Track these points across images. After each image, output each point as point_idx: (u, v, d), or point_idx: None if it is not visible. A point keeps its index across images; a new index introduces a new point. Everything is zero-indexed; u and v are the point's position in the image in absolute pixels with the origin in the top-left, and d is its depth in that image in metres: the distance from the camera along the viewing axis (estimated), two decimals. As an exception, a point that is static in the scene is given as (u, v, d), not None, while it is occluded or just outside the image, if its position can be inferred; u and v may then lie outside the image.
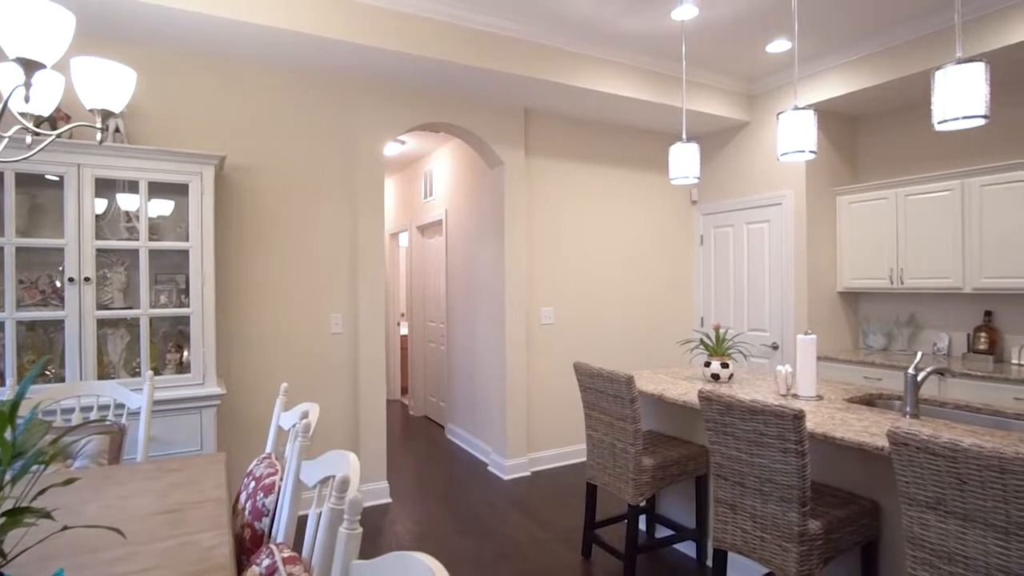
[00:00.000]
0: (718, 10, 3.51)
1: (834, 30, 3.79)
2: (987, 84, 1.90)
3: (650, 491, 2.71)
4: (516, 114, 4.38)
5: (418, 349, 6.40)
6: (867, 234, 4.39)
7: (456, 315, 5.33)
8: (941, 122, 1.97)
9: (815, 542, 1.98)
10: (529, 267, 4.49)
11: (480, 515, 3.65)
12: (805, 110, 2.45)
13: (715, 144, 5.19)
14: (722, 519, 2.24)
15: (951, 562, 1.56)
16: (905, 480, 1.64)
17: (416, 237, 6.38)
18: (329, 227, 3.72)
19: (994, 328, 3.92)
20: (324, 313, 3.70)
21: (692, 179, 3.02)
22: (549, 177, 4.60)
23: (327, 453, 1.46)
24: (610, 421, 2.79)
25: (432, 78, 3.79)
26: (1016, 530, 1.42)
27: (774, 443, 1.99)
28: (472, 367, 5.00)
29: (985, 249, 3.74)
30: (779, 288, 4.64)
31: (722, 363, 3.07)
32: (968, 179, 3.81)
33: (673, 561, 3.06)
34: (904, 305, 4.48)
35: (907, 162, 4.49)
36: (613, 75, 4.11)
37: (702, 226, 5.34)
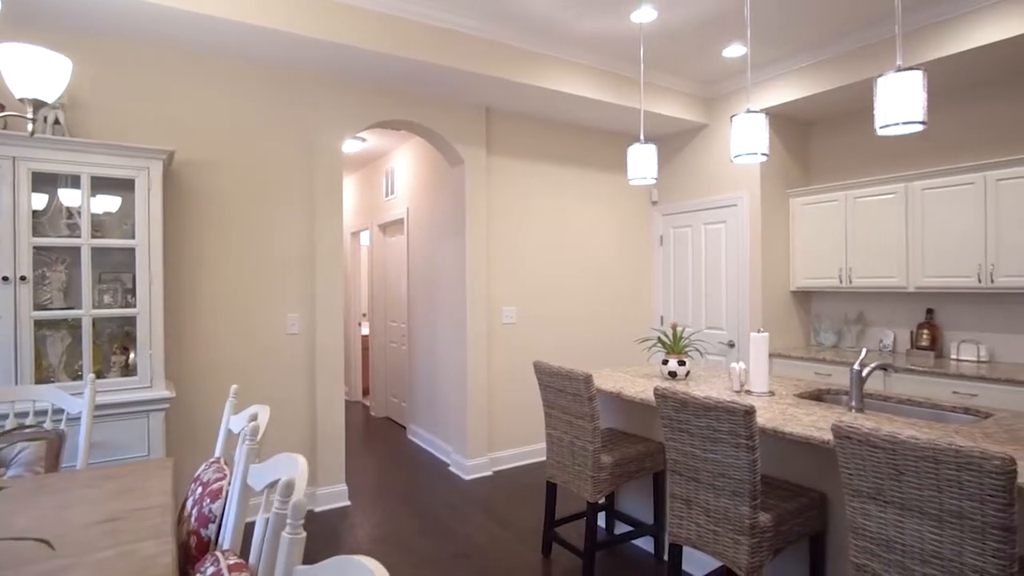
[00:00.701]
0: (676, 14, 3.57)
1: (786, 38, 3.90)
2: (924, 92, 1.99)
3: (609, 488, 2.73)
4: (477, 113, 4.37)
5: (379, 349, 6.32)
6: (818, 235, 4.53)
7: (418, 315, 5.29)
8: (883, 127, 2.05)
9: (765, 534, 2.03)
10: (490, 266, 4.48)
11: (440, 516, 3.62)
12: (757, 113, 2.51)
13: (674, 146, 5.28)
14: (677, 514, 2.28)
15: (890, 549, 1.62)
16: (848, 472, 1.70)
17: (378, 236, 6.30)
18: (285, 225, 3.64)
19: (935, 325, 4.10)
20: (280, 313, 3.61)
21: (650, 180, 3.06)
22: (511, 176, 4.61)
23: (275, 456, 1.43)
24: (569, 419, 2.81)
25: (393, 75, 3.74)
26: (948, 518, 1.48)
27: (726, 438, 2.03)
28: (433, 367, 4.97)
29: (926, 250, 3.90)
30: (735, 287, 4.75)
31: (679, 361, 3.12)
32: (911, 183, 3.98)
33: (632, 556, 3.10)
34: (853, 304, 4.64)
35: (856, 166, 4.65)
36: (573, 76, 4.14)
37: (662, 226, 5.42)
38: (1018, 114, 3.79)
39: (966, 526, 1.45)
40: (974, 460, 1.41)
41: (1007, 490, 1.37)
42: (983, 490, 1.41)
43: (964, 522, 1.45)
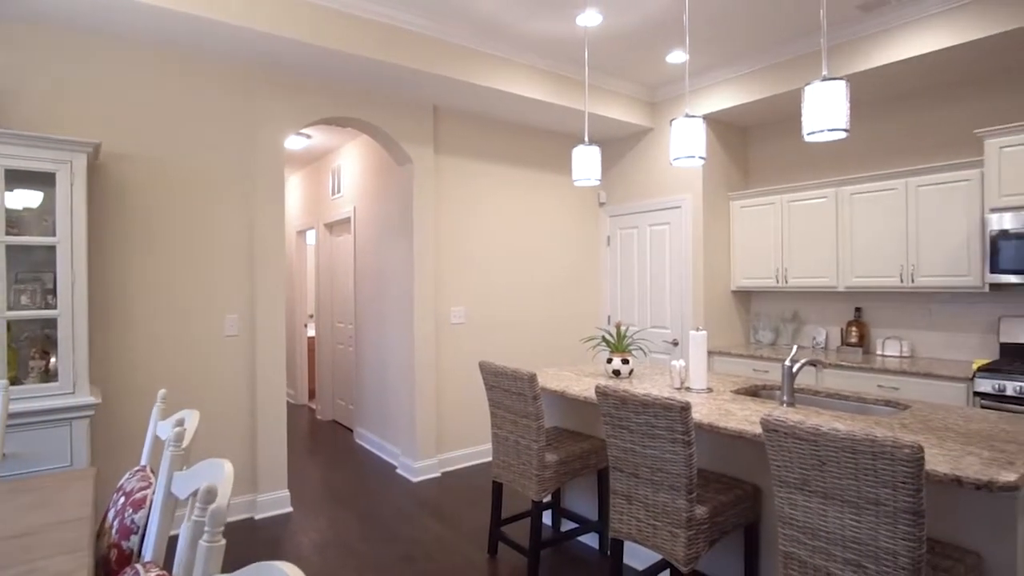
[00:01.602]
0: (621, 19, 3.64)
1: (726, 46, 4.04)
2: (847, 101, 2.09)
3: (553, 486, 2.76)
4: (425, 111, 4.33)
5: (326, 351, 6.18)
6: (757, 237, 4.71)
7: (365, 315, 5.20)
8: (810, 133, 2.15)
9: (702, 526, 2.09)
10: (439, 266, 4.45)
11: (386, 519, 3.57)
12: (695, 118, 2.58)
13: (621, 148, 5.38)
14: (618, 509, 2.32)
15: (815, 537, 1.69)
16: (776, 463, 1.77)
17: (324, 235, 6.15)
18: (224, 222, 3.51)
19: (863, 323, 4.32)
20: (217, 314, 3.48)
21: (594, 181, 3.11)
22: (459, 176, 4.59)
23: (201, 462, 1.37)
24: (514, 419, 2.82)
25: (339, 71, 3.67)
26: (866, 504, 1.56)
27: (664, 434, 2.08)
28: (381, 368, 4.89)
29: (855, 252, 4.11)
30: (679, 287, 4.88)
31: (623, 359, 3.18)
32: (841, 188, 4.18)
33: (577, 553, 3.14)
34: (789, 303, 4.84)
35: (792, 170, 4.86)
36: (521, 76, 4.16)
37: (609, 227, 5.52)
38: (936, 124, 4.05)
39: (881, 512, 1.53)
40: (887, 449, 1.49)
41: (916, 476, 1.46)
42: (896, 477, 1.49)
43: (879, 508, 1.53)
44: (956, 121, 3.96)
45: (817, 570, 1.69)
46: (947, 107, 4.00)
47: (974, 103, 3.88)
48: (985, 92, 3.83)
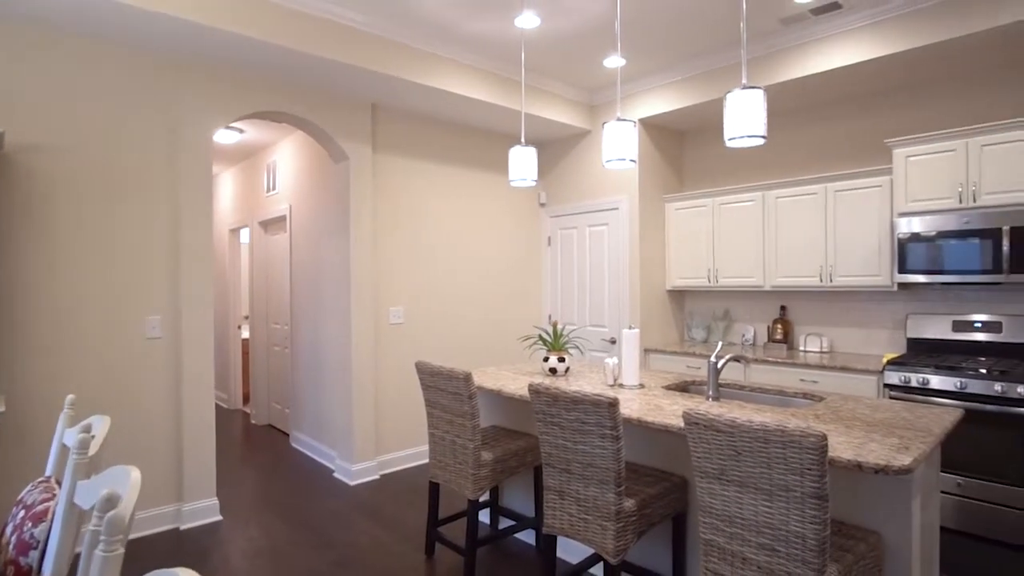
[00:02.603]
0: (558, 22, 3.69)
1: (660, 53, 4.16)
2: (765, 109, 2.20)
3: (489, 484, 2.77)
4: (363, 108, 4.26)
5: (261, 353, 5.97)
6: (690, 238, 4.88)
7: (301, 316, 5.06)
8: (731, 139, 2.24)
9: (630, 518, 2.15)
10: (377, 265, 4.38)
11: (321, 524, 3.49)
12: (627, 121, 2.65)
13: (561, 149, 5.46)
14: (551, 505, 2.35)
15: (732, 524, 1.77)
16: (698, 455, 1.84)
17: (258, 233, 5.95)
18: (145, 218, 3.34)
19: (787, 320, 4.55)
20: (138, 316, 3.30)
21: (530, 182, 3.14)
22: (398, 174, 4.54)
23: (107, 470, 1.30)
24: (450, 418, 2.81)
25: (271, 64, 3.55)
26: (777, 491, 1.65)
27: (593, 430, 2.12)
28: (318, 370, 4.77)
29: (780, 253, 4.32)
30: (616, 286, 4.99)
31: (559, 357, 3.23)
32: (767, 192, 4.39)
33: (514, 550, 3.16)
34: (720, 302, 5.04)
35: (723, 174, 5.06)
36: (461, 76, 4.15)
37: (550, 227, 5.59)
38: (852, 133, 4.31)
39: (791, 497, 1.62)
40: (795, 439, 1.58)
41: (821, 463, 1.55)
42: (803, 464, 1.58)
43: (789, 494, 1.62)
44: (869, 131, 4.23)
45: (734, 555, 1.77)
46: (862, 117, 4.26)
47: (885, 114, 4.15)
48: (894, 104, 4.11)
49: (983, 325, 3.64)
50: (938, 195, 3.55)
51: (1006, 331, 3.55)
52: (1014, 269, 3.25)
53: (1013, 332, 3.53)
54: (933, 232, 3.53)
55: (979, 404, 3.20)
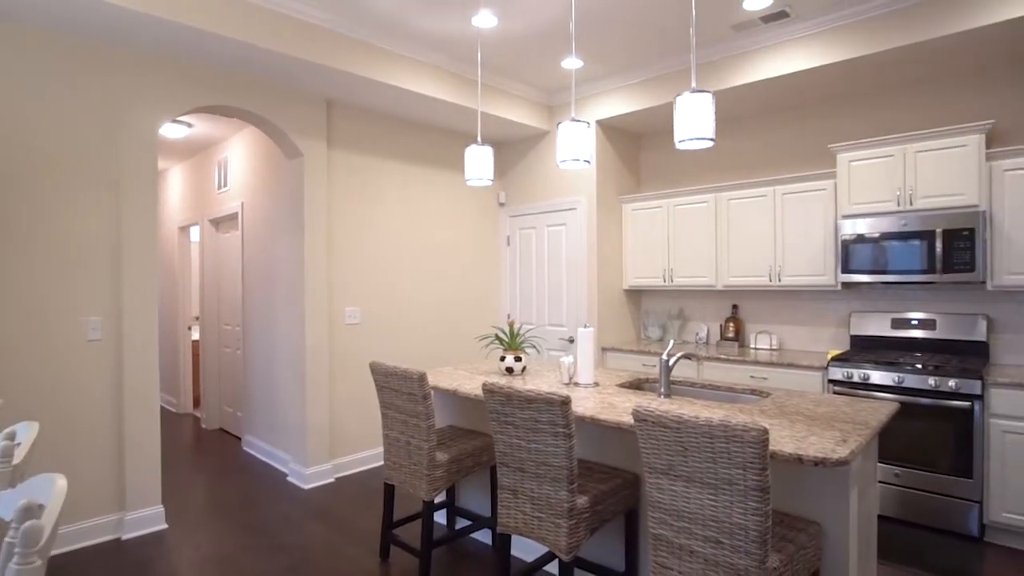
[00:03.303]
0: (515, 22, 3.70)
1: (616, 56, 4.22)
2: (713, 112, 2.25)
3: (444, 485, 2.75)
4: (318, 104, 4.17)
5: (212, 355, 5.79)
6: (646, 238, 4.96)
7: (254, 316, 4.92)
8: (680, 141, 2.29)
9: (582, 515, 2.17)
10: (332, 264, 4.30)
11: (274, 529, 3.40)
12: (581, 122, 2.68)
13: (521, 149, 5.48)
14: (505, 504, 2.35)
15: (679, 518, 1.81)
16: (646, 451, 1.87)
17: (209, 231, 5.76)
18: (85, 215, 3.19)
19: (739, 319, 4.68)
20: (77, 317, 3.15)
21: (486, 181, 3.14)
22: (355, 172, 4.46)
23: (31, 479, 1.24)
24: (405, 419, 2.78)
25: (221, 57, 3.45)
26: (723, 485, 1.69)
27: (546, 428, 2.14)
28: (271, 372, 4.66)
29: (731, 253, 4.44)
30: (574, 286, 5.04)
31: (516, 357, 3.24)
32: (719, 194, 4.50)
33: (471, 550, 3.15)
34: (675, 301, 5.15)
35: (678, 176, 5.17)
36: (417, 73, 4.12)
37: (509, 227, 5.59)
38: (800, 137, 4.46)
39: (734, 491, 1.66)
40: (738, 433, 1.62)
41: (762, 456, 1.60)
42: (745, 458, 1.62)
43: (733, 487, 1.66)
44: (816, 136, 4.38)
45: (681, 549, 1.80)
46: (809, 123, 4.41)
47: (831, 120, 4.31)
48: (839, 110, 4.27)
49: (919, 322, 3.82)
50: (878, 198, 3.71)
51: (940, 328, 3.74)
52: (947, 269, 3.42)
53: (946, 329, 3.72)
54: (873, 234, 3.68)
55: (915, 398, 3.36)
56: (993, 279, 3.36)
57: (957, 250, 3.39)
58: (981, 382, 3.16)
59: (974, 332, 3.62)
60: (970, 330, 3.64)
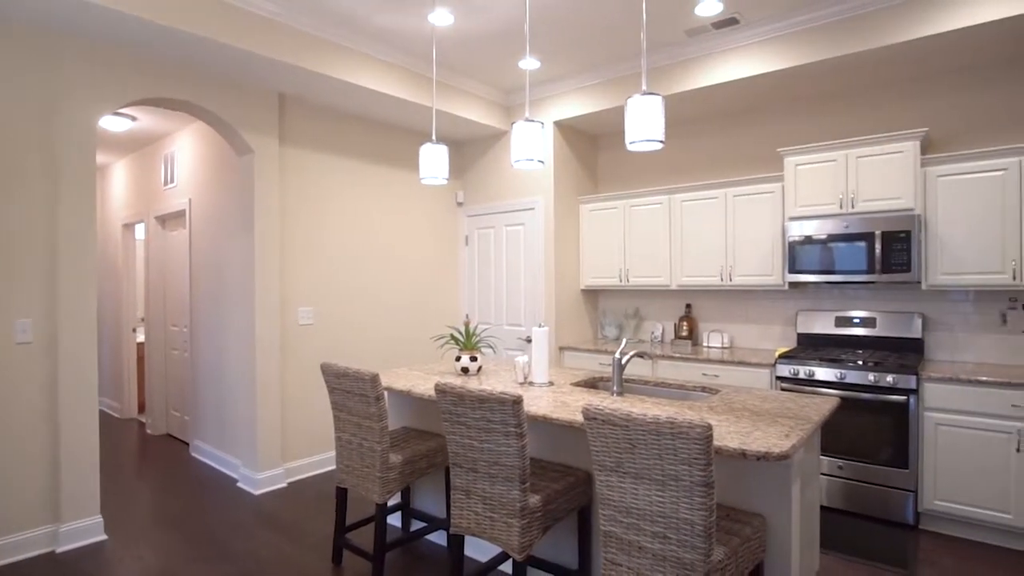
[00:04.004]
0: (471, 21, 3.68)
1: (573, 58, 4.25)
2: (663, 114, 2.29)
3: (398, 487, 2.71)
4: (269, 99, 4.06)
5: (158, 358, 5.57)
6: (603, 238, 5.01)
7: (202, 317, 4.76)
8: (631, 142, 2.32)
9: (535, 514, 2.17)
10: (284, 263, 4.20)
11: (222, 537, 3.29)
12: (534, 122, 2.68)
13: (479, 149, 5.46)
14: (458, 504, 2.34)
15: (628, 514, 1.83)
16: (596, 449, 1.89)
17: (155, 229, 5.54)
18: (16, 211, 3.01)
19: (692, 318, 4.78)
20: (4, 318, 2.98)
21: (441, 180, 3.12)
22: (309, 169, 4.36)
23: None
24: (358, 421, 2.74)
25: (165, 47, 3.31)
26: (669, 481, 1.72)
27: (498, 428, 2.13)
28: (221, 375, 4.51)
29: (685, 254, 4.53)
30: (532, 286, 5.05)
31: (471, 356, 3.22)
32: (673, 196, 4.59)
33: (426, 552, 3.12)
34: (631, 300, 5.22)
35: (634, 177, 5.24)
36: (373, 70, 4.06)
37: (467, 227, 5.57)
38: (751, 141, 4.58)
39: (680, 486, 1.69)
40: (683, 430, 1.65)
41: (706, 452, 1.63)
42: (691, 454, 1.65)
43: (679, 483, 1.69)
44: (766, 140, 4.51)
45: (630, 545, 1.83)
46: (759, 127, 4.54)
47: (780, 124, 4.45)
48: (788, 115, 4.41)
49: (861, 320, 3.97)
50: (823, 201, 3.85)
51: (880, 326, 3.90)
52: (885, 270, 3.57)
53: (886, 327, 3.88)
54: (818, 235, 3.82)
55: (856, 393, 3.50)
56: (927, 279, 3.53)
57: (895, 251, 3.54)
58: (916, 377, 3.31)
59: (911, 329, 3.80)
60: (907, 328, 3.81)
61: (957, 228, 3.44)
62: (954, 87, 3.75)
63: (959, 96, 3.73)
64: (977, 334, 3.66)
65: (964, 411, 3.19)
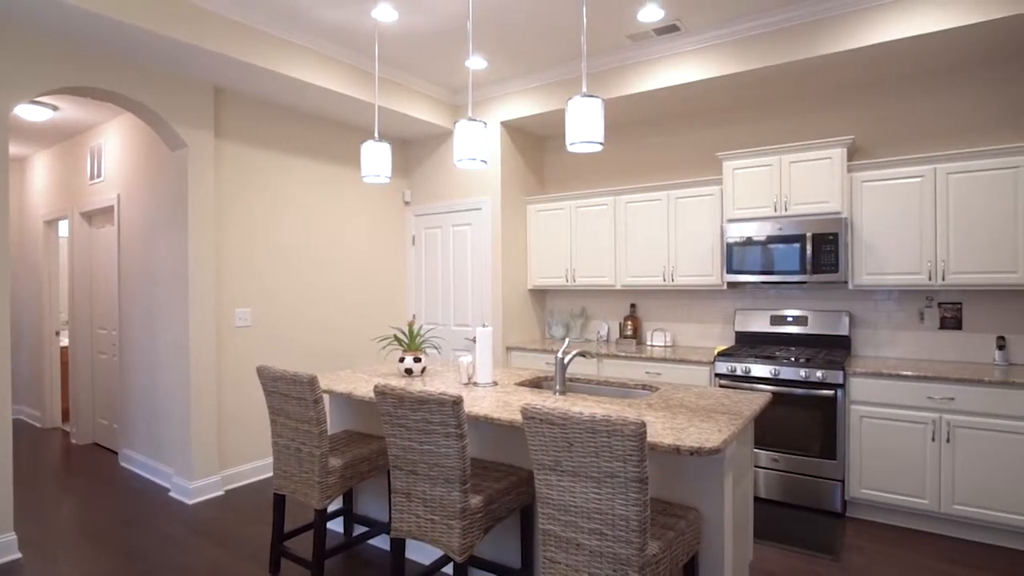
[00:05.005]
0: (416, 18, 3.64)
1: (519, 59, 4.26)
2: (602, 117, 2.32)
3: (338, 492, 2.65)
4: (204, 92, 3.90)
5: (84, 363, 5.26)
6: (550, 239, 5.05)
7: (132, 319, 4.52)
8: (571, 144, 2.34)
9: (476, 515, 2.16)
10: (221, 262, 4.04)
11: (153, 551, 3.13)
12: (477, 121, 2.68)
13: (427, 148, 5.41)
14: (398, 507, 2.30)
15: (567, 512, 1.84)
16: (535, 448, 1.89)
17: (81, 226, 5.23)
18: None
19: (637, 317, 4.88)
20: (-96, 321, 2.75)
21: (384, 179, 3.07)
22: (248, 165, 4.21)
23: None
24: (296, 425, 2.66)
25: (91, 34, 3.13)
26: (605, 478, 1.74)
27: (438, 429, 2.11)
28: (152, 379, 4.29)
29: (629, 254, 4.62)
30: (480, 286, 5.04)
31: (415, 358, 3.18)
32: (618, 197, 4.67)
33: (368, 557, 3.07)
34: (577, 300, 5.28)
35: (581, 178, 5.31)
36: (315, 65, 3.96)
37: (414, 226, 5.51)
38: (692, 144, 4.71)
39: (616, 483, 1.72)
40: (618, 427, 1.67)
41: (640, 449, 1.66)
42: (625, 451, 1.68)
43: (615, 480, 1.72)
44: (706, 144, 4.65)
45: (568, 542, 1.84)
46: (701, 131, 4.68)
47: (719, 129, 4.59)
48: (727, 121, 4.56)
49: (794, 319, 4.15)
50: (759, 204, 3.99)
51: (811, 324, 4.08)
52: (815, 270, 3.74)
53: (816, 324, 4.07)
54: (755, 237, 3.96)
55: (789, 388, 3.65)
56: (854, 279, 3.72)
57: (824, 253, 3.71)
58: (843, 372, 3.48)
59: (839, 327, 3.99)
60: (836, 325, 4.00)
61: (880, 231, 3.64)
62: (877, 97, 3.97)
63: (882, 106, 3.95)
64: (899, 331, 3.88)
65: (885, 403, 3.38)
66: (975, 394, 3.14)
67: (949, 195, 3.44)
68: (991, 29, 3.16)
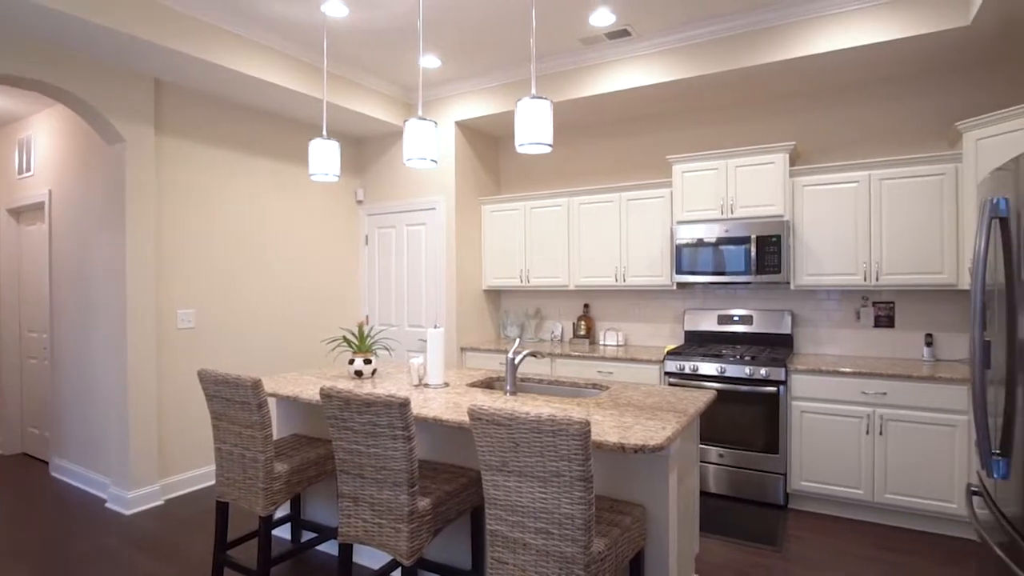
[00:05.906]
0: (367, 14, 3.58)
1: (474, 58, 4.25)
2: (551, 118, 2.34)
3: (283, 498, 2.58)
4: (144, 84, 3.74)
5: (12, 369, 4.96)
6: (504, 239, 5.06)
7: (65, 321, 4.29)
8: (520, 145, 2.35)
9: (424, 518, 2.14)
10: (162, 263, 3.88)
11: (86, 566, 2.98)
12: (427, 120, 2.66)
13: (380, 146, 5.34)
14: (346, 512, 2.26)
15: (513, 512, 1.85)
16: (482, 448, 1.89)
17: (8, 223, 4.94)
18: None
19: (590, 317, 4.94)
20: None
21: (332, 177, 3.01)
22: (191, 161, 4.06)
23: None
24: (239, 430, 2.58)
25: (18, 20, 2.95)
26: (551, 477, 1.75)
27: (385, 431, 2.08)
28: (86, 385, 4.09)
29: (583, 255, 4.67)
30: (434, 286, 5.01)
31: (365, 359, 3.13)
32: (572, 198, 4.71)
33: (316, 564, 3.00)
34: (532, 300, 5.31)
35: (536, 179, 5.33)
36: (262, 59, 3.85)
37: (367, 226, 5.43)
38: (643, 147, 4.80)
39: (562, 482, 1.73)
40: (562, 427, 1.69)
41: (585, 447, 1.68)
42: (570, 450, 1.70)
43: (560, 479, 1.73)
44: (657, 147, 4.75)
45: (515, 542, 1.84)
46: (651, 134, 4.77)
47: (669, 132, 4.69)
48: (676, 124, 4.66)
49: (740, 318, 4.28)
50: (706, 206, 4.10)
51: (756, 323, 4.22)
52: (760, 271, 3.87)
53: (761, 323, 4.20)
54: (703, 238, 4.06)
55: (735, 385, 3.76)
56: (795, 280, 3.86)
57: (768, 254, 3.84)
58: (785, 369, 3.61)
59: (782, 326, 4.14)
60: (779, 324, 4.15)
61: (819, 234, 3.79)
62: (819, 105, 4.13)
63: (823, 114, 4.12)
64: (838, 329, 4.05)
65: (824, 399, 3.52)
66: (905, 389, 3.30)
67: (883, 200, 3.61)
68: (922, 43, 3.34)
